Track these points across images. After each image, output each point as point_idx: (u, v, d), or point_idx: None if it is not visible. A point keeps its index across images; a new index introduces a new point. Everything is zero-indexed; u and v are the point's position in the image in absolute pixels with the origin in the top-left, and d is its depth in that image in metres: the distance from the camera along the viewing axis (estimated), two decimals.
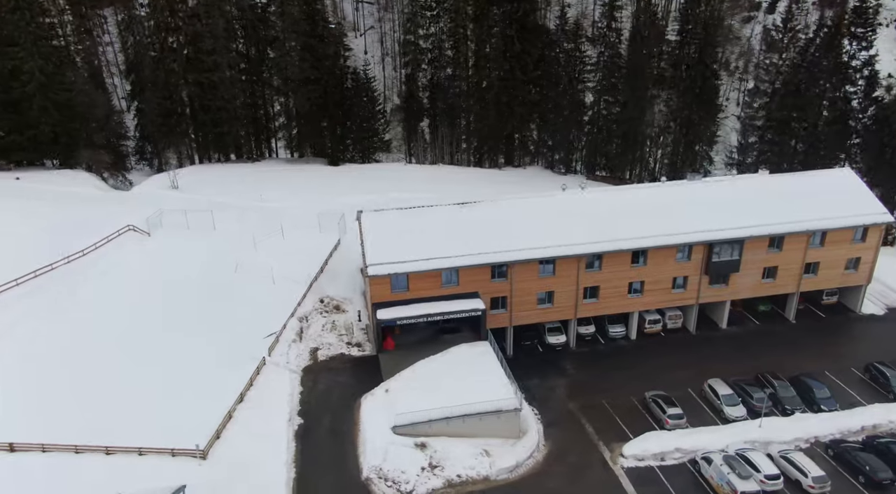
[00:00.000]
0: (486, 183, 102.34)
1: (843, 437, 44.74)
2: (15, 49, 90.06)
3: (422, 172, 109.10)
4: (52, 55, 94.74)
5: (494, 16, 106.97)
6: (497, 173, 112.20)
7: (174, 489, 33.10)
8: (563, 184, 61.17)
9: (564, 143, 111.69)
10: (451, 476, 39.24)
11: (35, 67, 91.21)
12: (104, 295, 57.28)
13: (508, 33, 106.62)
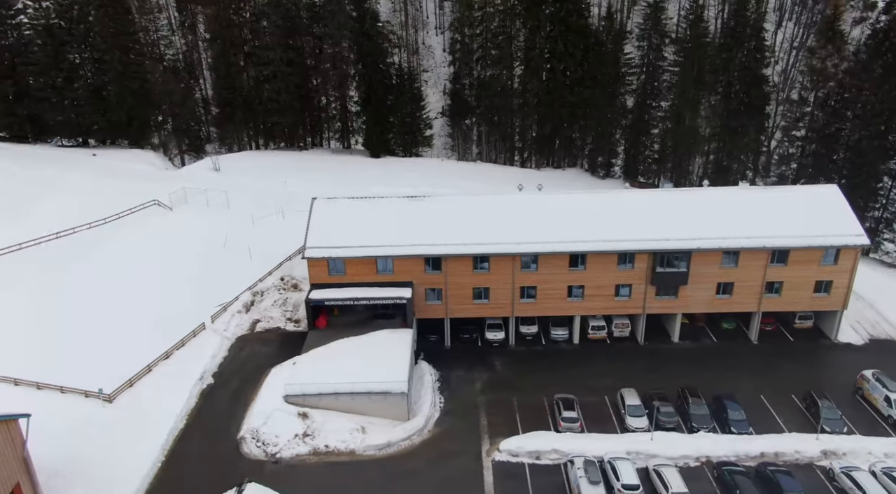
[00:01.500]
0: (515, 182, 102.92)
1: (738, 460, 43.03)
2: (98, 41, 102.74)
3: (457, 169, 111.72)
4: (130, 48, 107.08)
5: (540, 15, 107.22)
6: (534, 173, 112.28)
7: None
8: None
9: (604, 147, 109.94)
10: (319, 445, 42.50)
11: (114, 58, 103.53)
12: (109, 257, 65.44)
13: (552, 33, 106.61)
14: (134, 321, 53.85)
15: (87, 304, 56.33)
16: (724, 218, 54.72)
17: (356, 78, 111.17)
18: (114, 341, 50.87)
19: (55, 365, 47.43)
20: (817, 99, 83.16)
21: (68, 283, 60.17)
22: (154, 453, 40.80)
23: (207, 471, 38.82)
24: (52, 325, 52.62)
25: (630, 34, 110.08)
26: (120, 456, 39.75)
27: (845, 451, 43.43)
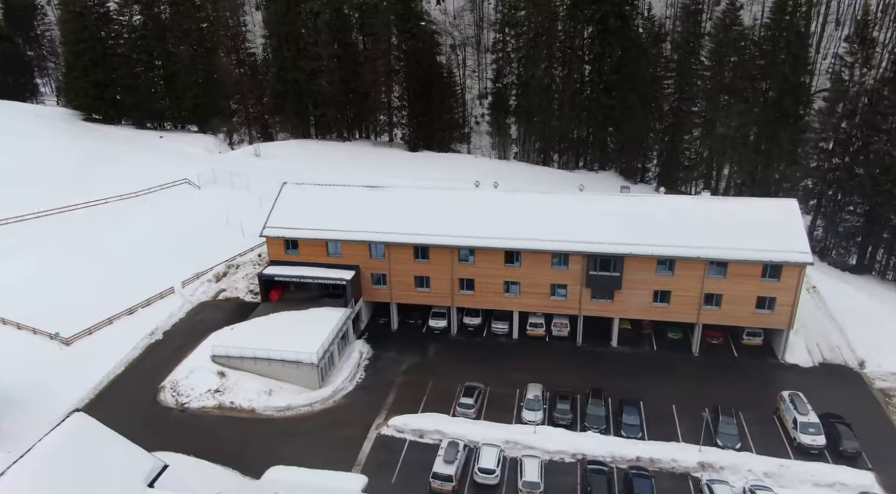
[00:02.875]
0: (540, 182, 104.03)
1: (612, 462, 43.72)
2: (169, 35, 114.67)
3: (487, 166, 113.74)
4: (202, 41, 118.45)
5: (580, 16, 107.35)
6: (564, 174, 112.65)
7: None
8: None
9: (637, 151, 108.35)
10: (226, 401, 47.80)
11: (184, 51, 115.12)
12: (129, 224, 74.50)
13: (591, 34, 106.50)
14: (123, 280, 61.88)
15: (94, 262, 65.17)
16: (666, 226, 54.33)
17: (399, 74, 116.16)
18: (100, 295, 58.99)
19: (47, 309, 56.01)
20: (845, 109, 78.23)
21: (89, 243, 69.53)
22: (85, 392, 48.00)
23: (119, 413, 45.08)
24: (60, 277, 61.60)
25: (667, 36, 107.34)
26: (58, 392, 47.19)
27: (724, 465, 42.91)
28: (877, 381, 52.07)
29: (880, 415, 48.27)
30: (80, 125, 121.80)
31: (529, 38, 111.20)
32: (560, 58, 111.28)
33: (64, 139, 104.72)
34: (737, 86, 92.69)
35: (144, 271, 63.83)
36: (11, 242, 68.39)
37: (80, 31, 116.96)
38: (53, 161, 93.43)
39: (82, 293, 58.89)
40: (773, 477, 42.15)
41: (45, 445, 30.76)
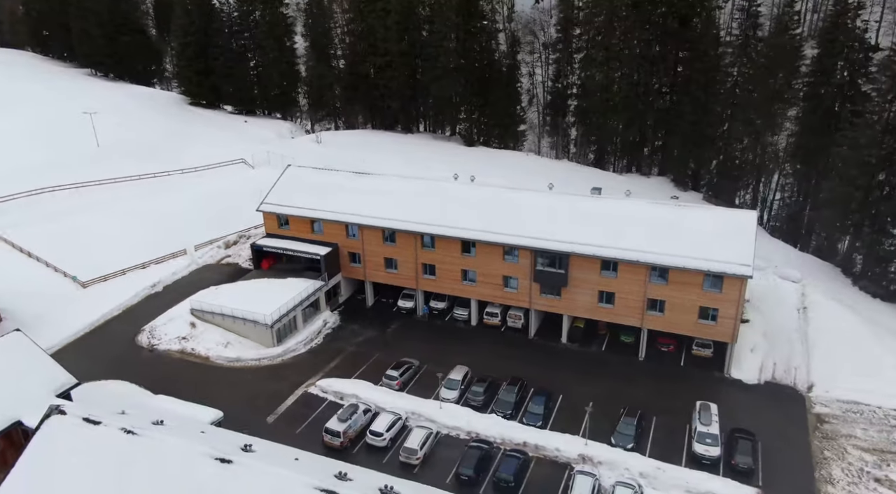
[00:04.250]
0: (585, 183, 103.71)
1: (501, 443, 46.16)
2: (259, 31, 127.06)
3: (537, 164, 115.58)
4: (284, 36, 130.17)
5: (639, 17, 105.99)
6: (613, 178, 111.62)
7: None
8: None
9: (687, 157, 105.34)
10: (187, 347, 55.56)
11: (269, 46, 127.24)
12: (184, 193, 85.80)
13: (647, 36, 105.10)
14: (151, 240, 72.37)
15: (136, 223, 76.81)
16: (616, 228, 54.88)
17: (460, 71, 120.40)
18: (128, 251, 69.69)
19: (83, 257, 67.44)
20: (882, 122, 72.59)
21: (142, 207, 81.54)
22: (83, 326, 58.06)
23: (100, 347, 54.32)
24: (104, 233, 73.36)
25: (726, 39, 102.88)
26: (63, 323, 57.47)
27: (602, 460, 43.95)
28: (817, 406, 49.83)
29: (800, 438, 46.53)
30: (184, 108, 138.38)
31: (589, 38, 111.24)
32: (618, 58, 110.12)
33: (160, 119, 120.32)
34: (788, 92, 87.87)
35: (172, 234, 73.90)
36: (85, 201, 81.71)
37: (189, 25, 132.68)
38: (143, 137, 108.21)
39: (115, 247, 69.87)
40: (648, 478, 42.70)
41: None
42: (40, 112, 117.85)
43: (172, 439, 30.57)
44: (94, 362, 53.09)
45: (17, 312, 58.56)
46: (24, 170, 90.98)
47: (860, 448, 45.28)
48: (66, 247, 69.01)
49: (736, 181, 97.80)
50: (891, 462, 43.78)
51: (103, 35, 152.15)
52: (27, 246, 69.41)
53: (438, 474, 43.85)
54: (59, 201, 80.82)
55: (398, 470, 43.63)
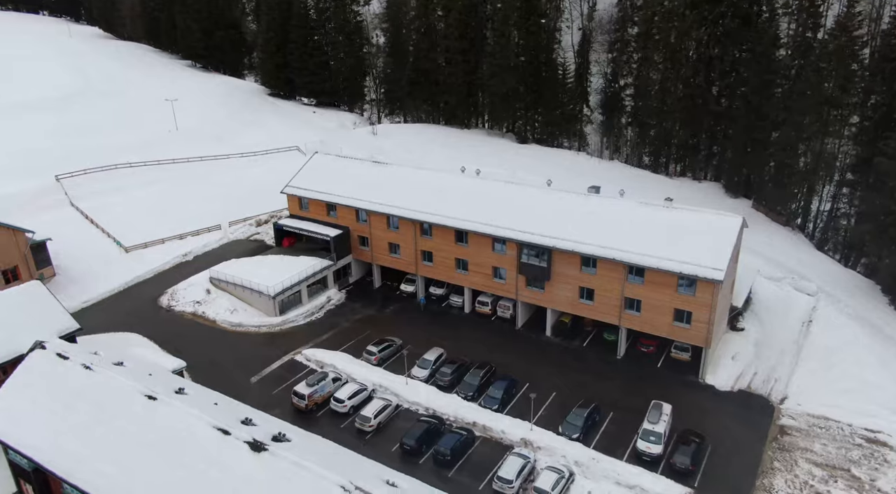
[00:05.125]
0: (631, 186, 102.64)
1: (454, 421, 48.75)
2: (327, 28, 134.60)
3: (586, 164, 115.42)
4: (354, 33, 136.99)
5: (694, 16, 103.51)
6: (662, 181, 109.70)
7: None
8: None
9: (740, 163, 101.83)
10: (199, 310, 61.75)
11: (339, 41, 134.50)
12: (237, 175, 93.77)
13: (701, 36, 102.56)
14: (196, 215, 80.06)
15: (188, 200, 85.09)
16: (598, 226, 55.73)
17: (516, 69, 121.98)
18: (174, 223, 77.78)
19: (133, 225, 76.08)
20: None
21: (197, 185, 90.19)
22: (117, 285, 65.92)
23: (125, 304, 61.79)
24: (158, 206, 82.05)
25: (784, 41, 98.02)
26: (103, 281, 65.54)
27: (542, 446, 45.64)
28: (784, 418, 48.73)
29: (754, 447, 45.91)
30: (263, 99, 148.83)
31: (647, 37, 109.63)
32: (673, 59, 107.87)
33: (236, 107, 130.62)
34: (842, 98, 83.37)
35: (215, 210, 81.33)
36: (148, 178, 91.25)
37: (270, 21, 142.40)
38: (217, 123, 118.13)
39: (162, 219, 78.20)
40: (581, 467, 43.99)
41: (8, 292, 47.11)
42: (135, 97, 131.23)
43: (119, 377, 35.78)
44: (118, 316, 60.64)
45: (68, 269, 67.46)
46: (109, 148, 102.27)
47: (812, 462, 44.19)
48: (121, 217, 78.09)
49: (787, 190, 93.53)
50: (839, 478, 42.53)
51: (201, 30, 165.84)
52: (91, 213, 79.04)
53: (386, 442, 47.15)
54: (126, 177, 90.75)
55: (352, 436, 47.45)
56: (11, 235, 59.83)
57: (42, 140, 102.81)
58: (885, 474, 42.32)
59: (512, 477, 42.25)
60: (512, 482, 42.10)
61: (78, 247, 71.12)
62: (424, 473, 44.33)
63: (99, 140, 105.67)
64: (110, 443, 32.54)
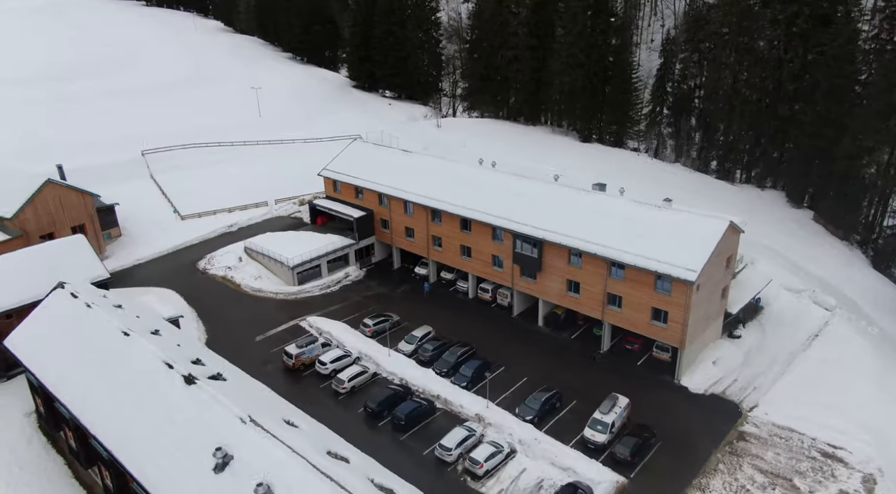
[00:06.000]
0: (685, 191, 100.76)
1: (422, 392, 52.22)
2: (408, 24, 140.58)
3: (645, 166, 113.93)
4: (431, 28, 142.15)
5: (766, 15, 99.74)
6: (723, 187, 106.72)
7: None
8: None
9: (804, 172, 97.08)
10: (228, 275, 68.86)
11: (417, 37, 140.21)
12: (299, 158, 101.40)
13: (773, 36, 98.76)
14: (250, 192, 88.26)
15: (250, 177, 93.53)
16: (590, 221, 56.84)
17: (581, 67, 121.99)
18: (230, 198, 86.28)
19: (195, 197, 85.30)
20: None
21: (261, 165, 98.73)
22: (167, 247, 74.75)
23: (170, 264, 70.30)
24: (221, 182, 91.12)
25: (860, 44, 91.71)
26: (157, 242, 74.77)
27: (492, 422, 48.20)
28: (747, 425, 48.16)
29: (705, 448, 45.95)
30: (346, 90, 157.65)
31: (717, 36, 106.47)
32: (742, 61, 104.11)
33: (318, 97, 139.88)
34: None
35: (268, 189, 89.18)
36: (221, 157, 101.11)
37: (357, 16, 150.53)
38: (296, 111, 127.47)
39: (221, 193, 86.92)
40: (524, 445, 46.19)
41: (56, 243, 56.15)
42: (232, 85, 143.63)
43: (108, 316, 42.51)
44: (161, 274, 69.31)
45: (131, 230, 77.35)
46: (198, 129, 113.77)
47: (758, 468, 43.79)
48: (187, 189, 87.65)
49: (848, 203, 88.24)
50: (778, 486, 42.00)
51: (300, 24, 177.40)
52: (164, 185, 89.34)
53: (356, 404, 51.41)
54: (201, 155, 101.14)
55: (327, 396, 52.27)
56: (81, 198, 69.80)
57: (140, 120, 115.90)
58: (825, 487, 41.34)
59: (452, 446, 45.25)
60: (451, 450, 45.12)
61: (145, 213, 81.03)
62: (380, 434, 48.42)
63: (191, 121, 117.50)
64: (86, 364, 39.23)
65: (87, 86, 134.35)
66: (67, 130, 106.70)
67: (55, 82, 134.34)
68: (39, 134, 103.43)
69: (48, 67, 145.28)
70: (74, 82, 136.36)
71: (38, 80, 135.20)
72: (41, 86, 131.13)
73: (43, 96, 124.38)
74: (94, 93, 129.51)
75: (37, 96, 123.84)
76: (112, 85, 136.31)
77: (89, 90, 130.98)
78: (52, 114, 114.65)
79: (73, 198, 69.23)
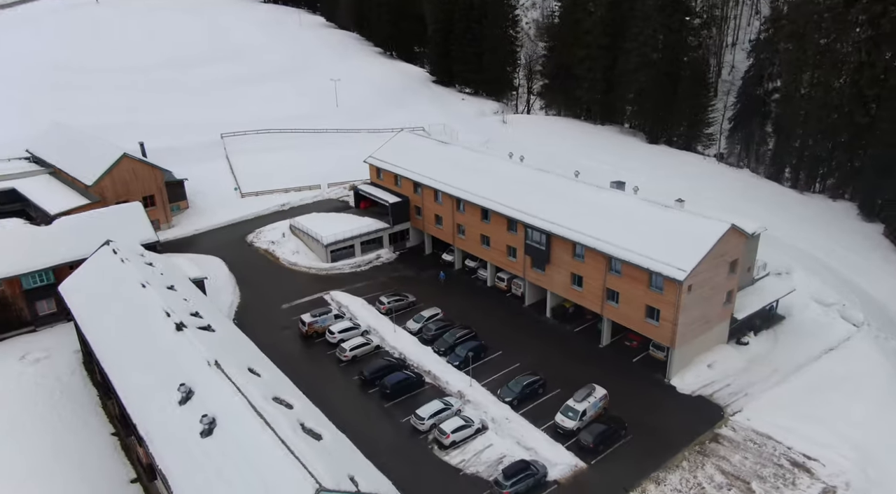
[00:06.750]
0: (750, 200, 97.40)
1: (417, 367, 55.62)
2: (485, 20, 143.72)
3: (710, 170, 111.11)
4: (508, 26, 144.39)
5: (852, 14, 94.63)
6: (789, 196, 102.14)
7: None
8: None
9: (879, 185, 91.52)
10: (270, 248, 75.18)
11: (493, 35, 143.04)
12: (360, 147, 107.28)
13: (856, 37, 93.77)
14: (313, 175, 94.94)
15: (313, 162, 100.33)
16: (597, 217, 57.72)
17: (651, 66, 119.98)
18: (293, 179, 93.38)
19: (257, 178, 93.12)
20: None
21: (328, 151, 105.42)
22: (223, 221, 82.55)
23: (223, 236, 77.88)
24: (286, 165, 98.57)
25: None
26: (216, 216, 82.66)
27: (472, 400, 50.86)
28: (725, 428, 47.87)
29: (675, 445, 46.19)
30: (426, 85, 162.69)
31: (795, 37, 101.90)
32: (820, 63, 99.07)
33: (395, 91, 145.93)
34: None
35: (325, 173, 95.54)
36: (290, 143, 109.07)
37: (439, 12, 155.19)
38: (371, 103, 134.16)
39: (283, 175, 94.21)
40: (495, 423, 48.56)
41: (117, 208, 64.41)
42: (319, 76, 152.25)
43: (135, 270, 49.13)
44: (212, 243, 76.96)
45: (198, 204, 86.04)
46: (280, 116, 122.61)
47: (720, 469, 43.81)
48: (254, 170, 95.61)
49: None
50: (734, 488, 41.95)
51: (389, 21, 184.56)
52: (235, 165, 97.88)
53: (354, 371, 55.53)
54: (274, 140, 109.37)
55: (331, 362, 56.84)
56: (152, 171, 78.68)
57: (229, 106, 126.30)
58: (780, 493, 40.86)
59: (425, 416, 48.37)
60: (424, 420, 48.24)
61: (212, 189, 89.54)
62: (369, 400, 52.28)
63: (275, 109, 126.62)
64: (109, 309, 45.92)
65: (191, 74, 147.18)
66: (165, 113, 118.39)
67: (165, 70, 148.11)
68: (141, 114, 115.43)
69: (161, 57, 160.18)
70: (181, 71, 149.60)
71: (152, 68, 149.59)
72: (154, 73, 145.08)
73: (153, 82, 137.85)
74: (196, 81, 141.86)
75: (148, 81, 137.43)
76: (212, 74, 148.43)
77: (192, 78, 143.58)
78: (154, 99, 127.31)
79: (145, 171, 78.12)
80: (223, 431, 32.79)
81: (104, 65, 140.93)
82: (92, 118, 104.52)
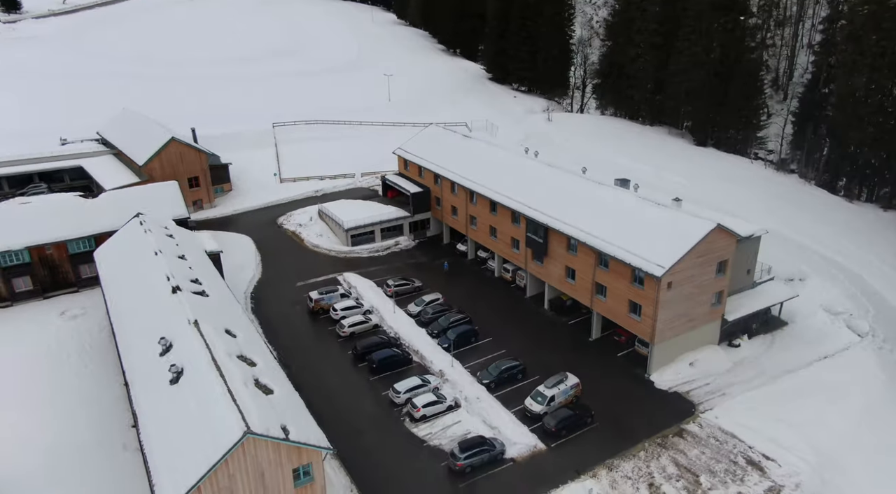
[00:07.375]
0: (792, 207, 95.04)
1: (407, 346, 58.88)
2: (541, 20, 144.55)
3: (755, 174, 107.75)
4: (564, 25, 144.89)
5: None
6: (836, 205, 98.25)
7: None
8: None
9: None
10: (297, 231, 79.94)
11: (547, 33, 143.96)
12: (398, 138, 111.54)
13: None
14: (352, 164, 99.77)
15: (348, 153, 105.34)
16: (593, 213, 58.90)
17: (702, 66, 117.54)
18: (330, 167, 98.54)
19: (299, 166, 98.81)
20: None
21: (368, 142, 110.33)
22: (259, 203, 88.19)
23: (254, 218, 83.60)
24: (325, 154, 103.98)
25: None
26: (254, 198, 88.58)
27: (451, 379, 53.54)
28: (692, 425, 48.36)
29: (636, 436, 47.36)
30: (480, 82, 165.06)
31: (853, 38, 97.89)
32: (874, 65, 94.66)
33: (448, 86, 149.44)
34: None
35: (362, 163, 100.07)
36: (336, 133, 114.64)
37: (496, 10, 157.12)
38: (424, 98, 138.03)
39: (321, 163, 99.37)
40: (468, 402, 51.03)
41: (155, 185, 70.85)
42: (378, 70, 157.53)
43: (152, 240, 54.73)
44: (246, 223, 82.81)
45: (241, 187, 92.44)
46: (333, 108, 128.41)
47: (675, 461, 44.59)
48: (298, 158, 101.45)
49: None
50: (682, 479, 42.72)
51: (452, 18, 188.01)
52: (281, 153, 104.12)
53: (349, 346, 59.28)
54: (322, 130, 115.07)
55: (332, 337, 60.82)
56: (197, 155, 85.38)
57: (289, 97, 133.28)
58: (726, 488, 41.29)
59: (402, 391, 51.45)
60: (401, 394, 51.33)
61: (255, 174, 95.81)
62: (358, 373, 55.82)
63: (330, 101, 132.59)
64: (126, 272, 51.83)
65: (258, 67, 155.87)
66: (229, 103, 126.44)
67: (235, 63, 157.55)
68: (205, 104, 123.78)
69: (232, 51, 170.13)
70: (249, 64, 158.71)
71: (222, 61, 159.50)
72: (224, 66, 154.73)
73: (222, 74, 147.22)
74: (262, 73, 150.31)
75: (218, 74, 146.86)
76: (278, 67, 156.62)
77: (259, 71, 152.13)
78: (220, 89, 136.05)
79: (191, 154, 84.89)
80: (187, 380, 37.05)
81: (181, 57, 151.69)
82: (161, 106, 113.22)
